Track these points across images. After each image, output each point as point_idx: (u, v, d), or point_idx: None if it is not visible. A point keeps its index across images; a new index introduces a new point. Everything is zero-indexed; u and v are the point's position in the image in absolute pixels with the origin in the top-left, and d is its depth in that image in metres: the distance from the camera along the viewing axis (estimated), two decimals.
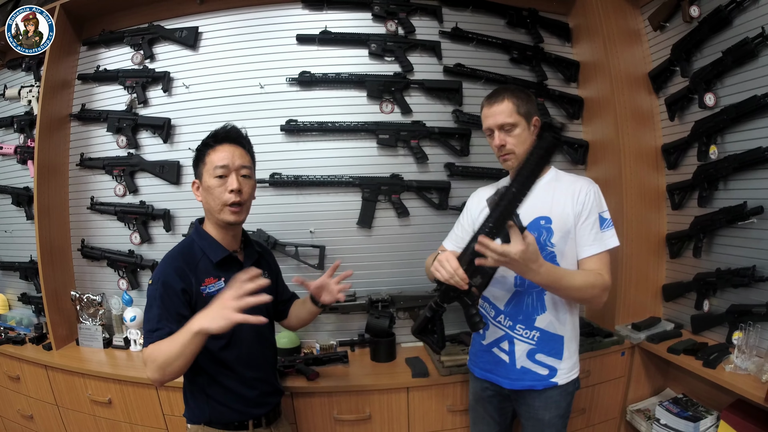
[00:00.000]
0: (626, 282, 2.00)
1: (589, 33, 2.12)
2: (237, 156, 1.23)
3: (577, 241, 1.33)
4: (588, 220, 1.31)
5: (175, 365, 1.06)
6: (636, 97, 2.06)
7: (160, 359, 1.07)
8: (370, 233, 2.08)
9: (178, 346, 1.05)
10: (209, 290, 1.20)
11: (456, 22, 2.09)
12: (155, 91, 2.13)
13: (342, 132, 2.03)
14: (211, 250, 1.24)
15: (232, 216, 1.22)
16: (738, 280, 1.69)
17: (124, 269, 2.17)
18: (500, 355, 1.40)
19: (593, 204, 1.32)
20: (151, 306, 1.17)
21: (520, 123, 1.32)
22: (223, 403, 1.24)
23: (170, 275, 1.17)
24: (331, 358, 1.86)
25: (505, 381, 1.40)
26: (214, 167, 1.21)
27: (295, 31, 2.04)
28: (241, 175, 1.23)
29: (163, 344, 1.08)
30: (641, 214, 2.03)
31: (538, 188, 1.30)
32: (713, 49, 1.78)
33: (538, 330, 1.34)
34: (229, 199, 1.20)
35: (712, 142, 1.80)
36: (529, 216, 1.33)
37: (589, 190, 1.33)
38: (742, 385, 1.46)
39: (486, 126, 1.37)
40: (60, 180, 2.20)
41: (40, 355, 2.03)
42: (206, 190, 1.23)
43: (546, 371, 1.36)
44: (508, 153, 1.33)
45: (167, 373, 1.08)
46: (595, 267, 1.31)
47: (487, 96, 1.39)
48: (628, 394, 1.95)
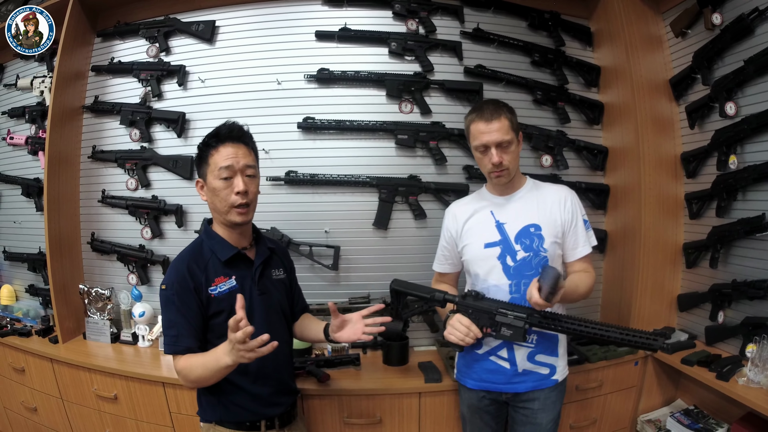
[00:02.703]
0: (641, 291, 1.99)
1: (611, 37, 2.10)
2: (241, 155, 1.22)
3: (567, 245, 1.43)
4: (577, 225, 1.43)
5: (207, 383, 1.19)
6: (656, 104, 2.05)
7: (192, 377, 1.17)
8: (386, 234, 2.06)
9: (209, 372, 1.13)
10: (220, 289, 1.21)
11: (477, 22, 2.07)
12: (170, 84, 2.10)
13: (360, 131, 2.01)
14: (219, 249, 1.24)
15: (240, 217, 1.22)
16: (754, 292, 1.68)
17: (134, 264, 2.16)
18: (499, 363, 1.42)
19: (578, 209, 1.44)
20: (169, 310, 1.19)
21: (513, 140, 1.38)
22: (235, 402, 1.24)
23: (182, 276, 1.19)
24: (343, 361, 1.84)
25: (505, 387, 1.42)
26: (219, 168, 1.20)
27: (314, 28, 2.01)
28: (246, 175, 1.22)
29: (195, 365, 1.15)
30: (659, 223, 2.01)
31: (522, 197, 1.46)
32: (735, 57, 1.76)
33: (536, 332, 1.39)
34: (235, 201, 1.20)
35: (731, 152, 1.79)
36: (518, 224, 1.41)
37: (573, 197, 1.45)
38: (754, 399, 1.46)
39: (480, 143, 1.37)
40: (71, 172, 2.18)
41: (46, 347, 2.02)
42: (212, 191, 1.22)
43: (547, 370, 1.42)
44: (504, 170, 1.37)
45: (196, 383, 1.21)
46: (584, 265, 1.45)
47: (478, 112, 1.39)
48: (639, 404, 1.94)
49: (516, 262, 1.38)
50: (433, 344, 2.06)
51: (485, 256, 1.41)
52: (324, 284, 2.05)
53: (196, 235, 2.06)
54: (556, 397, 1.44)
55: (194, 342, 1.18)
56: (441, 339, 2.05)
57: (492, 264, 1.40)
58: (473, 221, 1.46)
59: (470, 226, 1.46)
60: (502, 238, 1.40)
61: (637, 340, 1.17)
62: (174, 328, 1.18)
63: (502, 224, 1.41)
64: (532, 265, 1.38)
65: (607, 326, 1.21)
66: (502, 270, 1.39)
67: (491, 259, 1.40)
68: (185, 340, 1.17)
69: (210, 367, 1.12)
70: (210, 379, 1.15)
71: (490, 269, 1.40)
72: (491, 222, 1.43)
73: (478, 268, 1.43)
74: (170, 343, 1.18)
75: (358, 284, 2.05)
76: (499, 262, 1.39)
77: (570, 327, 1.24)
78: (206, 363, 1.13)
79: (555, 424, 1.45)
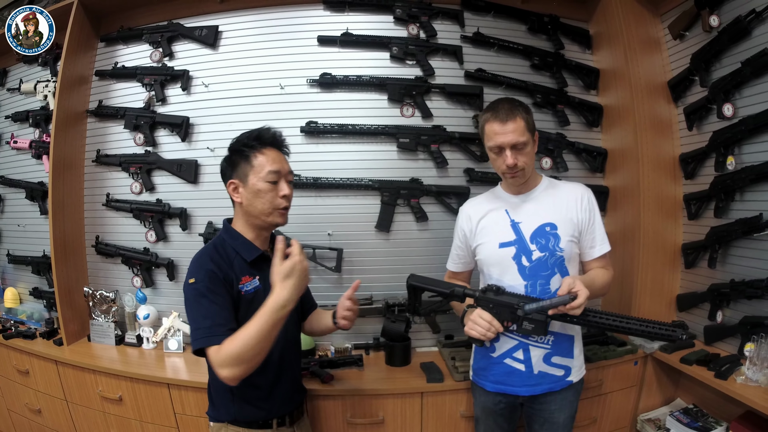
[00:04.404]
0: (641, 291, 2.01)
1: (610, 40, 2.12)
2: (284, 162, 1.28)
3: (585, 244, 1.41)
4: (594, 223, 1.41)
5: (257, 351, 1.05)
6: (655, 106, 2.06)
7: (236, 350, 1.04)
8: (388, 237, 2.08)
9: (260, 331, 1.04)
10: (247, 288, 1.21)
11: (478, 26, 2.09)
12: (174, 89, 2.12)
13: (362, 135, 2.03)
14: (244, 250, 1.25)
15: (282, 218, 1.27)
16: (752, 292, 1.69)
17: (139, 267, 2.17)
18: (514, 365, 1.40)
19: (595, 208, 1.42)
20: (200, 303, 1.13)
21: (529, 141, 1.35)
22: (249, 402, 1.24)
23: (211, 270, 1.17)
24: (346, 361, 1.86)
25: (522, 389, 1.41)
26: (267, 172, 1.22)
27: (316, 32, 2.03)
28: (288, 181, 1.27)
29: (239, 335, 1.06)
30: (658, 224, 2.03)
31: (538, 197, 1.43)
32: (732, 59, 1.78)
33: (552, 333, 1.37)
34: (281, 203, 1.24)
35: (729, 153, 1.80)
36: (534, 223, 1.39)
37: (589, 196, 1.43)
38: (753, 397, 1.47)
39: (495, 144, 1.34)
40: (75, 176, 2.20)
41: (50, 349, 2.03)
42: (254, 193, 1.22)
43: (562, 372, 1.40)
44: (519, 171, 1.35)
45: (248, 362, 1.06)
46: (603, 263, 1.43)
47: (493, 111, 1.35)
48: (639, 403, 1.96)
49: (531, 262, 1.36)
50: (435, 345, 2.08)
51: (500, 256, 1.39)
52: (327, 286, 2.07)
53: (200, 238, 2.08)
54: (573, 396, 1.43)
55: (233, 326, 1.12)
56: (443, 340, 2.07)
57: (507, 264, 1.38)
58: (487, 220, 1.44)
59: (484, 225, 1.44)
60: (517, 237, 1.38)
61: (657, 331, 1.17)
62: (208, 319, 1.11)
63: (517, 224, 1.39)
64: (548, 265, 1.36)
65: (628, 318, 1.20)
66: (518, 270, 1.37)
67: (506, 259, 1.38)
68: (221, 328, 1.10)
69: (258, 324, 1.04)
70: (262, 340, 1.04)
71: (504, 269, 1.38)
72: (506, 221, 1.41)
73: (492, 267, 1.41)
74: (204, 335, 1.10)
75: (361, 286, 2.00)
76: (514, 262, 1.37)
77: (591, 320, 1.23)
78: (250, 324, 1.05)
79: (571, 420, 1.45)
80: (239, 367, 1.05)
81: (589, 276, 1.37)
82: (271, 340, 1.07)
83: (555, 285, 1.35)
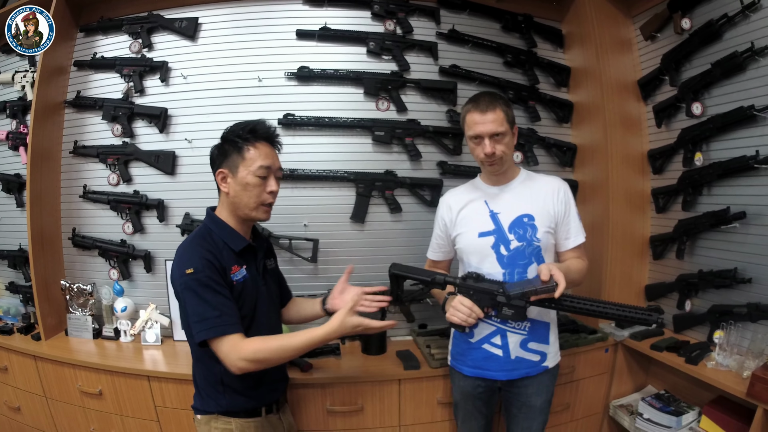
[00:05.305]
0: (610, 282, 2.06)
1: (582, 40, 2.18)
2: (275, 157, 1.27)
3: (560, 235, 1.46)
4: (571, 215, 1.46)
5: (284, 359, 1.21)
6: (625, 104, 2.12)
7: (268, 354, 1.14)
8: (363, 228, 2.10)
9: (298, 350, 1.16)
10: (237, 278, 1.22)
11: (453, 24, 2.13)
12: (152, 80, 2.12)
13: (338, 128, 2.06)
14: (231, 240, 1.25)
15: (265, 215, 1.27)
16: (720, 282, 1.75)
17: (116, 259, 2.16)
18: (492, 350, 1.44)
19: (571, 201, 1.48)
20: (204, 292, 1.13)
21: (508, 132, 1.39)
22: (239, 392, 1.24)
23: (208, 259, 1.16)
24: (324, 351, 1.87)
25: (499, 374, 1.45)
26: (258, 166, 1.21)
27: (295, 26, 2.05)
28: (276, 177, 1.27)
29: (275, 341, 1.16)
30: (626, 217, 2.09)
31: (516, 188, 1.47)
32: (702, 60, 1.83)
33: (529, 320, 1.40)
34: (267, 199, 1.25)
35: (697, 149, 1.86)
36: (512, 214, 1.43)
37: (566, 189, 1.48)
38: (725, 381, 1.51)
39: (474, 133, 1.39)
40: (52, 167, 2.17)
41: (28, 345, 2.00)
42: (242, 185, 1.22)
43: (538, 357, 1.45)
44: (497, 159, 1.39)
45: (269, 364, 1.17)
46: (578, 253, 1.48)
47: (474, 102, 1.40)
48: (611, 390, 2.01)
49: (509, 252, 1.41)
50: (409, 334, 2.10)
51: (479, 245, 1.43)
52: (303, 276, 2.08)
53: (177, 229, 2.08)
54: (548, 381, 1.48)
55: (239, 320, 1.15)
56: (417, 329, 2.10)
57: (486, 253, 1.42)
58: (467, 210, 1.48)
59: (464, 215, 1.48)
60: (496, 227, 1.42)
61: (633, 315, 1.20)
62: (217, 310, 1.11)
63: (496, 214, 1.44)
64: (525, 255, 1.40)
65: (605, 303, 1.23)
66: (496, 259, 1.41)
67: (485, 248, 1.42)
68: (232, 318, 1.13)
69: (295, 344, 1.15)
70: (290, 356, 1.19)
71: (483, 258, 1.42)
72: (485, 211, 1.45)
73: (471, 256, 1.45)
74: (214, 325, 1.10)
75: (337, 276, 1.99)
76: (493, 251, 1.41)
77: (569, 305, 1.26)
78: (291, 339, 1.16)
79: (548, 404, 1.50)
80: (258, 365, 1.14)
81: (564, 264, 1.41)
82: (294, 358, 1.21)
83: (532, 273, 1.40)
